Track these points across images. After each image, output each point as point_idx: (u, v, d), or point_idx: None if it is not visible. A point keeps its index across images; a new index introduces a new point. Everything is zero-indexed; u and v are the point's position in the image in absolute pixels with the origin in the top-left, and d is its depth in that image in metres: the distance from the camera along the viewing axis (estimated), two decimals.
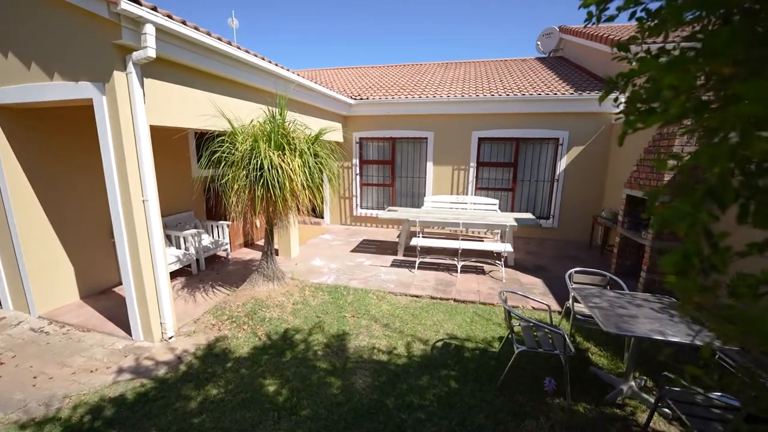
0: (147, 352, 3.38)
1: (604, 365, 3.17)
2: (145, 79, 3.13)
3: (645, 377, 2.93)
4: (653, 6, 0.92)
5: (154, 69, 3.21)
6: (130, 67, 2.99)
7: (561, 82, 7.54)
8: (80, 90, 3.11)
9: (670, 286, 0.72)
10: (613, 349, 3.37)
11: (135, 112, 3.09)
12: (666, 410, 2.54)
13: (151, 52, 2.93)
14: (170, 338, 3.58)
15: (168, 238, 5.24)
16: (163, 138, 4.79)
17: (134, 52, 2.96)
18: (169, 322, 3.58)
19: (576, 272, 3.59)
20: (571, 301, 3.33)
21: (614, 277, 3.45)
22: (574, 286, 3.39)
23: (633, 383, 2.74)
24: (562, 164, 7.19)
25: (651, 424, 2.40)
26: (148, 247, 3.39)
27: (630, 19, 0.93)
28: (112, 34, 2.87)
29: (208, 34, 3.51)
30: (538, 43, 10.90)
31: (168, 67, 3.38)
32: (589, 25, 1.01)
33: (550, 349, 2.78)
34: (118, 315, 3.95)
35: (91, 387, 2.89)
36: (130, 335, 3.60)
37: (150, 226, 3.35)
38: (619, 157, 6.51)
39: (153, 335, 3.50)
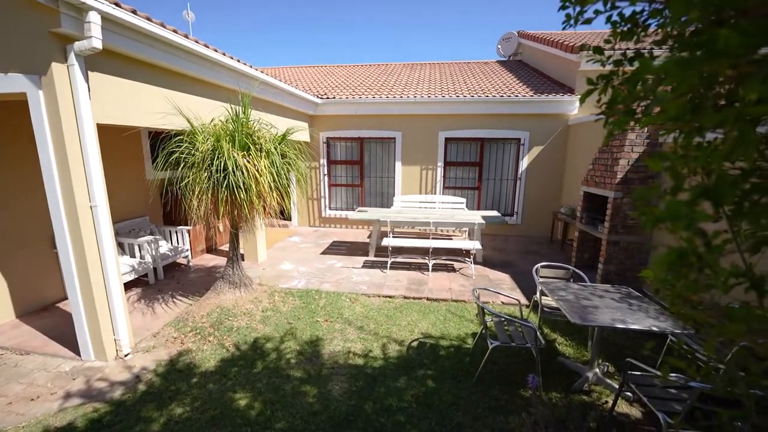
0: (99, 372, 3.08)
1: (570, 354, 3.34)
2: (90, 72, 2.84)
3: (607, 363, 3.12)
4: (627, 11, 0.96)
5: (102, 62, 2.93)
6: (72, 59, 2.70)
7: (521, 85, 7.87)
8: (10, 83, 2.75)
9: (657, 283, 0.74)
10: (578, 338, 3.56)
11: (79, 109, 2.79)
12: (628, 393, 2.71)
13: (97, 43, 2.66)
14: (126, 355, 3.29)
15: (120, 246, 4.82)
16: (114, 137, 4.40)
17: (76, 42, 2.67)
18: (125, 337, 3.28)
19: (542, 267, 3.75)
20: (538, 294, 3.47)
21: (577, 270, 3.64)
22: (541, 280, 3.54)
23: (597, 370, 2.90)
24: (524, 163, 7.51)
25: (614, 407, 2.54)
26: (97, 257, 3.08)
27: (606, 23, 0.95)
28: (49, 21, 2.57)
29: (162, 25, 3.26)
30: (499, 46, 11.32)
31: (118, 60, 3.10)
32: (567, 29, 1.02)
33: (522, 343, 2.87)
34: (64, 334, 3.57)
35: (32, 417, 2.58)
36: (79, 355, 3.26)
37: (99, 234, 3.05)
38: (575, 156, 6.91)
39: (106, 353, 3.19)
